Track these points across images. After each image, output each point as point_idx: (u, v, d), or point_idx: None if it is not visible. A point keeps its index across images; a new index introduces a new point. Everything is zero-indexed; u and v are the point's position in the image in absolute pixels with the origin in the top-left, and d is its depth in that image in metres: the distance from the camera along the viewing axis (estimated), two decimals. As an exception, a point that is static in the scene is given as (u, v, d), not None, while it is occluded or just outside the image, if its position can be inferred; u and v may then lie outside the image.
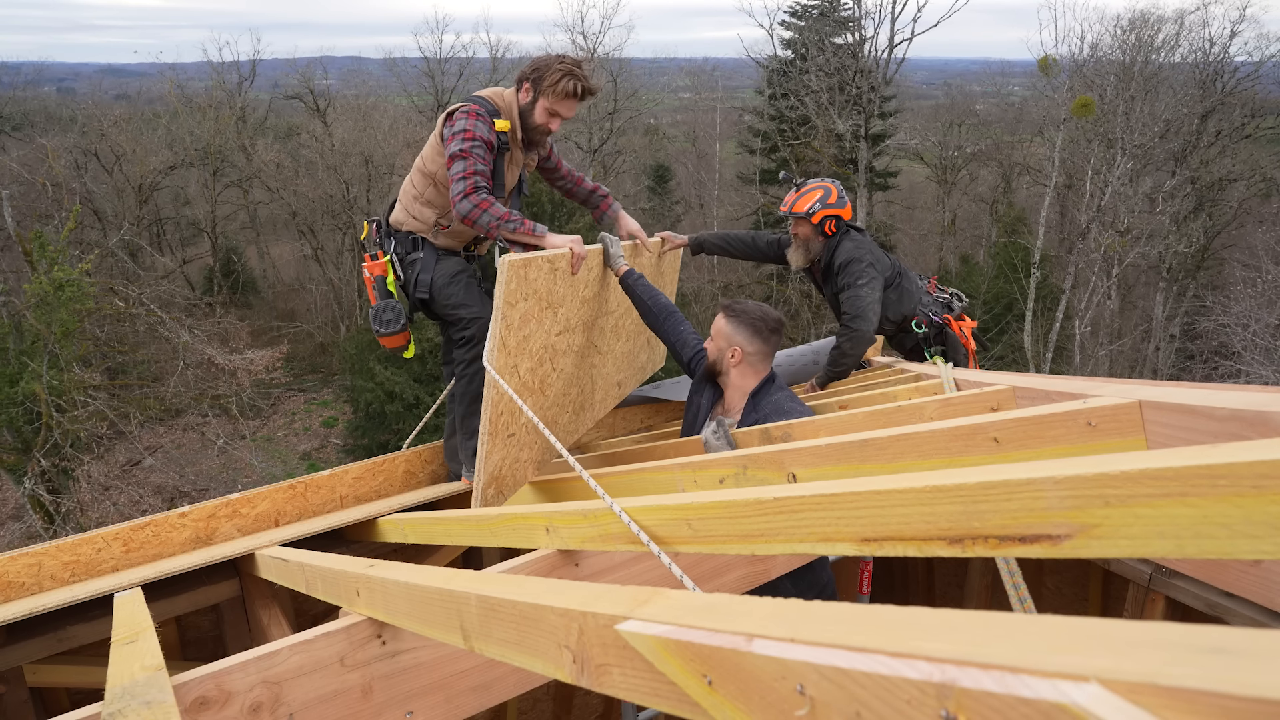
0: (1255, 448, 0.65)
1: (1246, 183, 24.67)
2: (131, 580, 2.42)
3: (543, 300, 2.58)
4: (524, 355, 2.57)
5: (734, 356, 2.64)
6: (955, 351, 3.80)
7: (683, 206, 34.37)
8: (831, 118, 23.84)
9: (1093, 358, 22.26)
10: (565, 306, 2.75)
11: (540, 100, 2.95)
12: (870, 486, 0.88)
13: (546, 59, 2.95)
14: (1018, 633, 0.47)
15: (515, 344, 2.49)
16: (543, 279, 2.54)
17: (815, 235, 3.72)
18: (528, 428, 2.75)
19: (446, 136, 2.85)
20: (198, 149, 28.15)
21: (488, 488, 2.68)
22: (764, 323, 2.63)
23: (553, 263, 2.58)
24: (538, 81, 2.93)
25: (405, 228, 3.07)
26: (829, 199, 3.68)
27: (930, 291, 3.90)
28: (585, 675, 0.83)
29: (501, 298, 2.35)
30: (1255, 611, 2.42)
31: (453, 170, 2.80)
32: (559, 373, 2.87)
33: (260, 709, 1.51)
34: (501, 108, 2.97)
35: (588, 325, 3.01)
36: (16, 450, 15.20)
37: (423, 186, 3.02)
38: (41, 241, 16.07)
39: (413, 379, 17.66)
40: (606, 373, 3.44)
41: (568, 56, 2.99)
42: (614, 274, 3.07)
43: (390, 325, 3.06)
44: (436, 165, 2.96)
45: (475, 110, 2.86)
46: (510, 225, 2.80)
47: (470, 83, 33.25)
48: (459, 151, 2.80)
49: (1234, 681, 0.36)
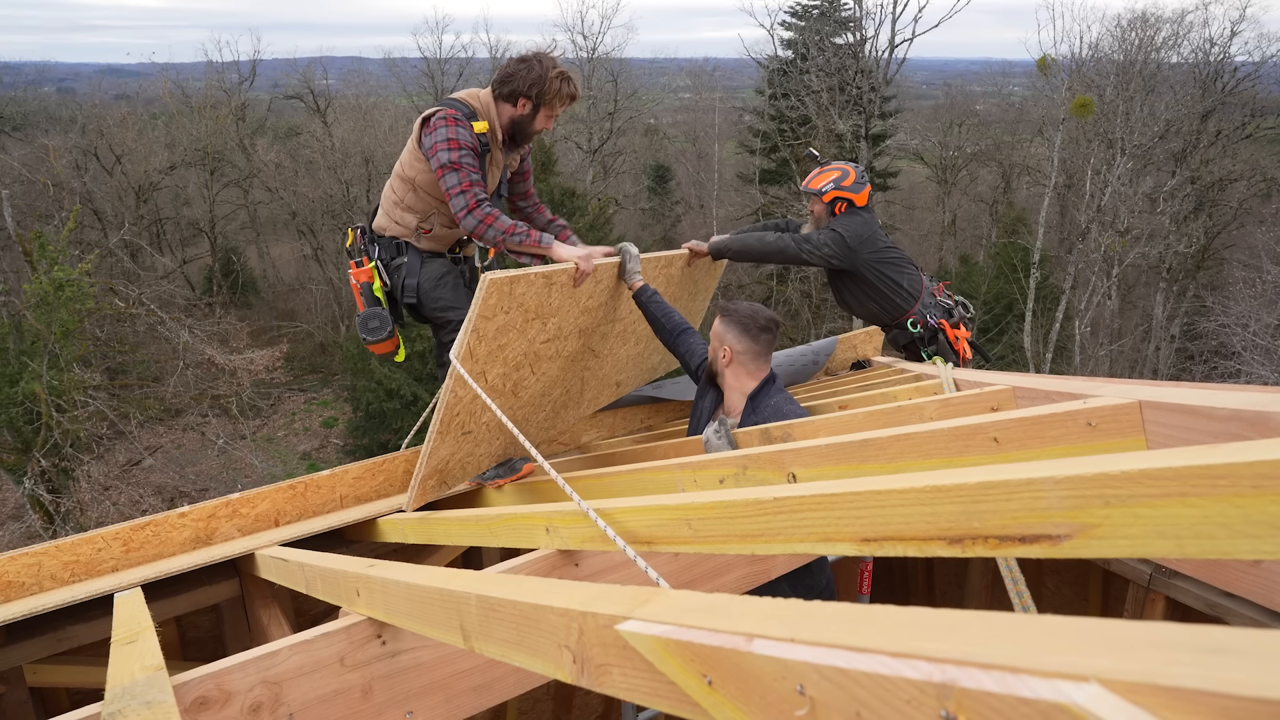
0: (1255, 448, 0.65)
1: (1247, 183, 24.68)
2: (131, 580, 2.42)
3: (530, 312, 2.52)
4: (495, 362, 2.52)
5: (725, 356, 2.63)
6: (945, 358, 3.81)
7: (683, 206, 34.36)
8: (832, 118, 23.84)
9: (1093, 358, 22.27)
10: (559, 316, 2.70)
11: (542, 110, 2.94)
12: (870, 486, 0.88)
13: (532, 69, 2.88)
14: (1018, 633, 0.47)
15: (486, 353, 2.44)
16: (533, 293, 2.48)
17: (826, 215, 3.76)
18: (488, 426, 2.72)
19: (429, 145, 2.80)
20: (197, 149, 28.16)
21: (429, 479, 2.69)
22: (753, 320, 2.61)
23: (549, 278, 2.51)
24: (539, 96, 2.90)
25: (388, 233, 3.04)
26: (844, 181, 3.72)
27: (936, 294, 3.91)
28: (585, 675, 0.83)
29: (476, 311, 2.29)
30: (1255, 611, 2.42)
31: (448, 183, 2.76)
32: (539, 376, 2.84)
33: (260, 709, 1.51)
34: (478, 109, 2.92)
35: (586, 331, 2.97)
36: (16, 450, 15.20)
37: (403, 192, 2.98)
38: (41, 241, 16.08)
39: (412, 377, 17.67)
40: (602, 374, 3.43)
41: (545, 57, 2.92)
42: (628, 288, 3.00)
43: (377, 333, 3.03)
44: (415, 171, 2.91)
45: (453, 115, 2.81)
46: (516, 238, 2.76)
47: (470, 83, 33.24)
48: (450, 163, 2.75)
49: (1234, 681, 0.36)
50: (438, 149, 2.77)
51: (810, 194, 3.79)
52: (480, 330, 2.34)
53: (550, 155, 21.80)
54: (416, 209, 2.98)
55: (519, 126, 2.99)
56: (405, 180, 2.96)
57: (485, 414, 2.63)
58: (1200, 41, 25.18)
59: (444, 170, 2.76)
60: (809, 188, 3.79)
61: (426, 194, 2.93)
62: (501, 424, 2.73)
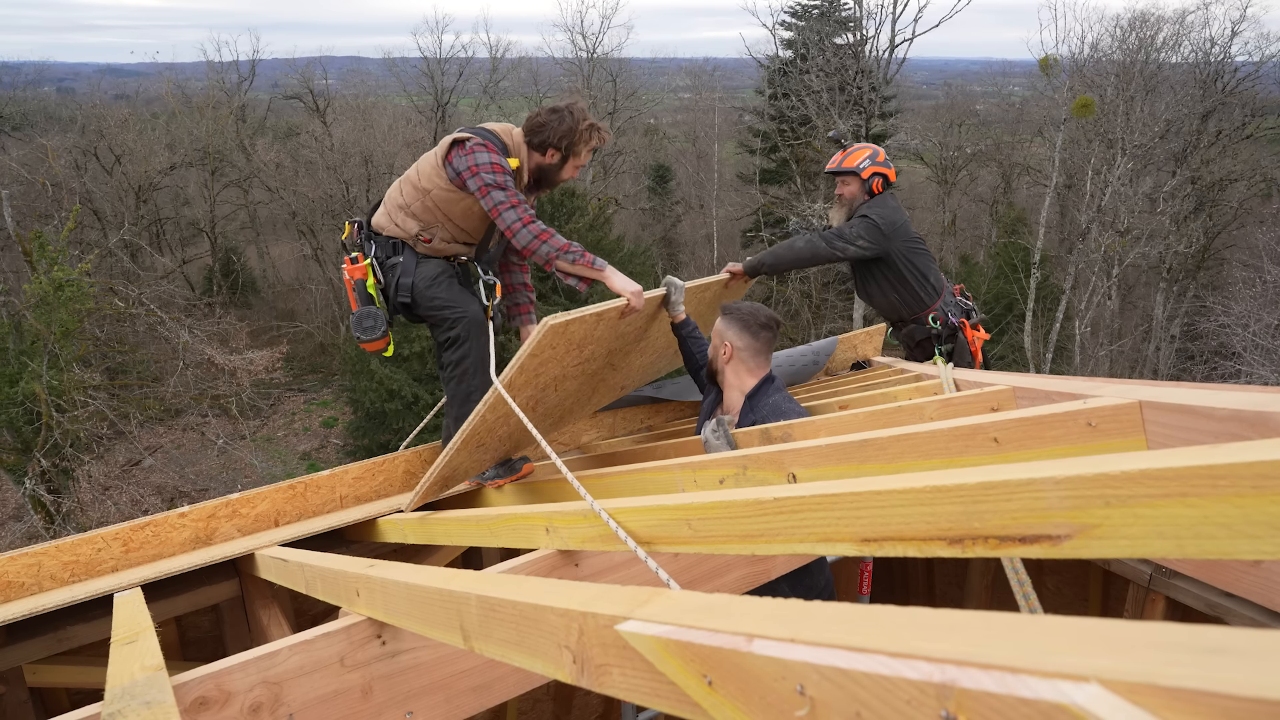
0: (1255, 448, 0.65)
1: (1247, 183, 24.68)
2: (131, 580, 2.42)
3: (573, 344, 2.52)
4: (528, 388, 2.54)
5: (725, 353, 2.64)
6: (961, 358, 3.80)
7: (683, 206, 34.38)
8: (832, 118, 23.82)
9: (1093, 358, 22.27)
10: (595, 344, 2.69)
11: (570, 160, 2.98)
12: (870, 487, 0.88)
13: (563, 121, 2.92)
14: (1018, 633, 0.47)
15: (522, 382, 2.46)
16: (583, 329, 2.48)
17: (861, 193, 3.78)
18: (501, 438, 2.74)
19: (465, 165, 2.80)
20: (197, 149, 28.17)
21: (435, 485, 2.74)
22: (754, 318, 2.62)
23: (600, 316, 2.51)
24: (569, 148, 2.94)
25: (386, 232, 3.02)
26: (878, 158, 3.77)
27: (955, 294, 3.91)
28: (585, 675, 0.83)
29: (529, 351, 2.31)
30: (1255, 611, 2.42)
31: (495, 199, 2.77)
32: (560, 393, 2.85)
33: (260, 709, 1.51)
34: (510, 146, 2.94)
35: (614, 352, 2.97)
36: (16, 450, 15.21)
37: (411, 198, 2.96)
38: (41, 241, 16.08)
39: (412, 377, 17.68)
40: (612, 382, 3.43)
41: (577, 108, 2.96)
42: (671, 319, 3.00)
43: (371, 332, 3.02)
44: (432, 184, 2.90)
45: (491, 145, 2.84)
46: (570, 256, 2.75)
47: (470, 82, 33.27)
48: (496, 183, 2.77)
49: (1234, 681, 0.36)
50: (480, 170, 2.78)
51: (844, 174, 3.80)
52: (526, 366, 2.36)
53: (550, 155, 21.72)
54: (421, 218, 2.95)
55: (545, 174, 3.02)
56: (418, 189, 2.94)
57: (503, 428, 2.64)
58: (1200, 41, 25.21)
59: (489, 189, 2.78)
60: (843, 166, 3.79)
61: (437, 208, 2.92)
62: (512, 433, 2.75)
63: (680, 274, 31.97)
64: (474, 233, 3.03)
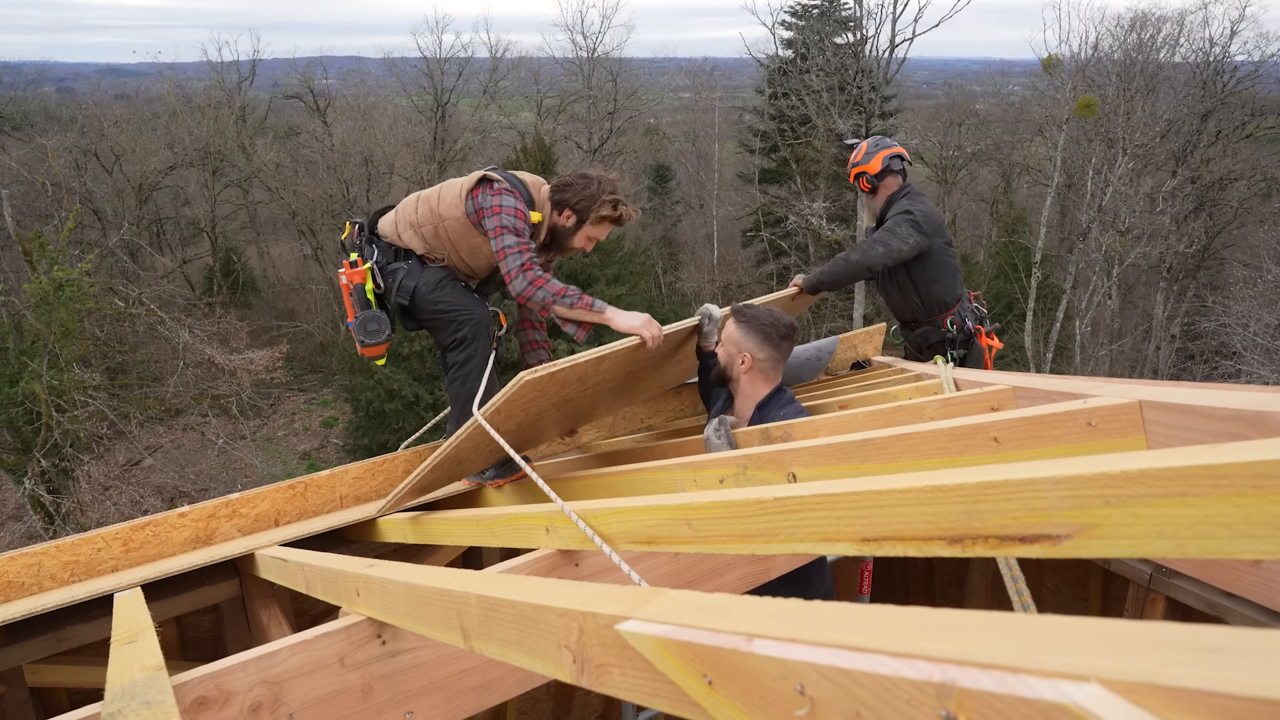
0: (1255, 448, 0.65)
1: (1247, 182, 24.68)
2: (131, 580, 2.42)
3: (568, 384, 2.41)
4: (517, 415, 2.46)
5: (744, 363, 2.58)
6: (975, 364, 3.79)
7: (683, 206, 34.37)
8: (832, 117, 23.82)
9: (1093, 358, 22.28)
10: (603, 376, 2.61)
11: (584, 228, 2.93)
12: (870, 486, 0.88)
13: (589, 187, 2.87)
14: (1018, 633, 0.47)
15: (504, 418, 2.37)
16: (578, 373, 2.36)
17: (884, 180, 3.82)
18: (486, 455, 2.72)
19: (489, 204, 2.76)
20: (197, 149, 28.17)
21: (407, 496, 2.74)
22: (775, 329, 2.56)
23: (601, 359, 2.37)
24: (584, 212, 2.88)
25: (391, 240, 2.97)
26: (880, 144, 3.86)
27: (971, 300, 3.90)
28: (585, 675, 0.83)
29: (504, 399, 2.20)
30: (1255, 611, 2.42)
31: (505, 242, 2.72)
32: (563, 411, 2.80)
33: (260, 709, 1.51)
34: (537, 200, 2.91)
35: (632, 374, 2.90)
36: (16, 450, 15.21)
37: (425, 219, 2.91)
38: (41, 241, 16.08)
39: (412, 377, 17.69)
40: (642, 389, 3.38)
41: (607, 180, 2.90)
42: (703, 347, 2.91)
43: (375, 335, 2.95)
44: (450, 215, 2.86)
45: (518, 193, 2.81)
46: (567, 300, 2.67)
47: (470, 82, 33.22)
48: (512, 227, 2.72)
49: (1234, 681, 0.36)
50: (502, 211, 2.74)
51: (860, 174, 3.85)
52: (502, 409, 2.29)
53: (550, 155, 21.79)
54: (429, 242, 2.91)
55: (558, 236, 2.98)
56: (435, 212, 2.89)
57: (487, 447, 2.58)
58: (1200, 41, 25.22)
59: (504, 231, 2.73)
60: (870, 173, 3.82)
61: (448, 237, 2.88)
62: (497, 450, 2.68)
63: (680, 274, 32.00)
64: (477, 272, 2.99)
